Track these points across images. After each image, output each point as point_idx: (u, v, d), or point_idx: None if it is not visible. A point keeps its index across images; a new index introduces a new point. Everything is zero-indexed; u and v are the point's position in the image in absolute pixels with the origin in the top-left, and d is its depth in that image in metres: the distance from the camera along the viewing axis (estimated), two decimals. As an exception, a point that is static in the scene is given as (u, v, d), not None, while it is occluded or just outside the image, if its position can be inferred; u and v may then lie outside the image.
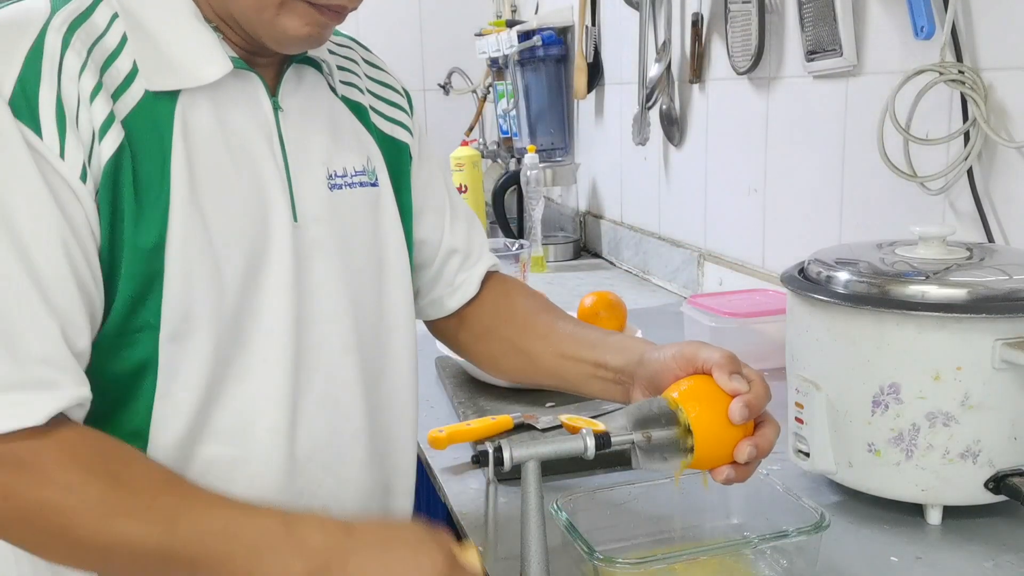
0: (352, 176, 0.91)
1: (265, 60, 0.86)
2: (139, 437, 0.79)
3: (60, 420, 0.73)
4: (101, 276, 0.76)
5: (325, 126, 0.91)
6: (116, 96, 0.77)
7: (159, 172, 0.77)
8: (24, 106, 0.73)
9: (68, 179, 0.74)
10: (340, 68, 0.96)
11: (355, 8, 0.83)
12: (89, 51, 0.76)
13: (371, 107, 0.98)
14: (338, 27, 1.03)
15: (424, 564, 0.71)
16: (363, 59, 1.02)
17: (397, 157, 0.99)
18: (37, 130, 0.73)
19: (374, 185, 0.94)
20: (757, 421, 0.82)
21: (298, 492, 0.87)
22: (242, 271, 0.81)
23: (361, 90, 0.98)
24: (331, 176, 0.89)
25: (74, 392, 0.74)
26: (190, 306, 0.79)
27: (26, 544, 0.74)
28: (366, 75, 1.00)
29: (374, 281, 0.93)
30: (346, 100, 0.95)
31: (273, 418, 0.84)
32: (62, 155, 0.73)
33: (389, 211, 0.95)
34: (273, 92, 0.86)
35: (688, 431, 0.80)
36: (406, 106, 1.03)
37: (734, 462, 0.81)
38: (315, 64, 0.92)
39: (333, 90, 0.94)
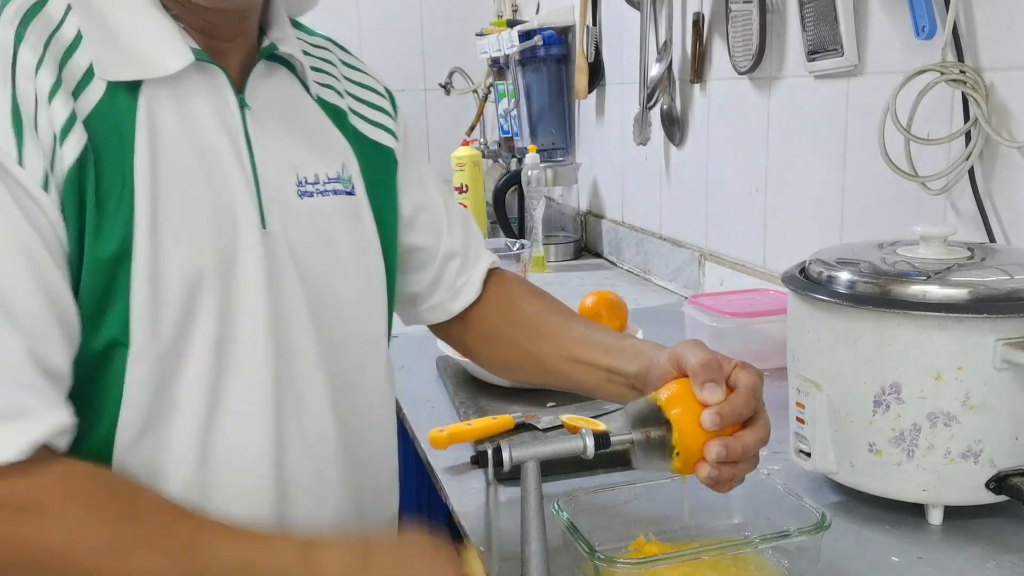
0: (325, 183, 0.87)
1: (228, 46, 0.82)
2: (103, 459, 0.75)
3: (48, 455, 0.68)
4: (72, 291, 0.71)
5: (297, 129, 0.87)
6: (76, 94, 0.72)
7: (120, 175, 0.73)
8: None
9: (28, 188, 0.68)
10: (316, 70, 0.92)
11: None
12: (46, 45, 0.71)
13: (350, 110, 0.94)
14: (321, 29, 0.99)
15: None
16: (341, 60, 0.98)
17: (380, 163, 0.95)
18: None
19: (350, 194, 0.89)
20: (745, 422, 0.80)
21: (278, 511, 0.84)
22: (212, 280, 0.77)
23: (339, 93, 0.94)
24: (301, 183, 0.85)
25: (50, 419, 0.68)
26: (160, 321, 0.74)
27: None
28: (344, 77, 0.96)
29: (347, 295, 0.89)
30: (322, 102, 0.91)
31: (258, 440, 0.81)
32: (20, 161, 0.68)
33: (366, 221, 0.91)
34: (239, 89, 0.82)
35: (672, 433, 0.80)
36: (389, 108, 0.99)
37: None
38: (287, 64, 0.88)
39: (307, 91, 0.90)
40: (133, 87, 0.75)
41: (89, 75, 0.73)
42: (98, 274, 0.72)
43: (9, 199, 0.68)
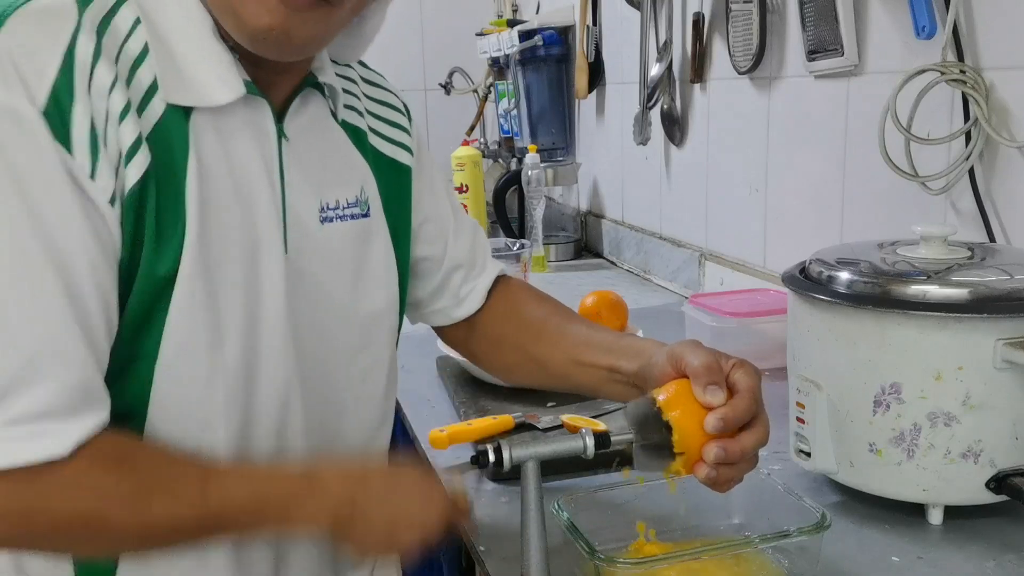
0: (344, 208, 0.88)
1: (274, 79, 0.82)
2: None
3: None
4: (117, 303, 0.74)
5: (324, 157, 0.88)
6: (140, 111, 0.74)
7: (173, 198, 0.75)
8: (57, 121, 0.69)
9: (98, 202, 0.71)
10: (344, 91, 0.92)
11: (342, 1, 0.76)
12: (116, 60, 0.73)
13: (370, 128, 0.95)
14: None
15: (431, 503, 0.81)
16: (361, 77, 0.98)
17: (397, 180, 0.96)
18: (68, 148, 0.69)
19: (365, 216, 0.91)
20: (745, 424, 0.80)
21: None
22: (239, 303, 0.79)
23: (360, 112, 0.94)
24: (323, 208, 0.86)
25: (101, 417, 0.72)
26: (189, 337, 0.76)
27: (60, 550, 0.76)
28: (365, 95, 0.97)
29: (355, 313, 0.90)
30: (345, 125, 0.91)
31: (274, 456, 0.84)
32: (93, 176, 0.70)
33: (379, 240, 0.92)
34: (279, 118, 0.83)
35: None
36: (406, 124, 1.00)
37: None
38: (319, 88, 0.88)
39: (334, 115, 0.90)
40: (186, 111, 0.76)
41: (152, 91, 0.75)
42: (150, 289, 0.74)
43: (82, 211, 0.70)
